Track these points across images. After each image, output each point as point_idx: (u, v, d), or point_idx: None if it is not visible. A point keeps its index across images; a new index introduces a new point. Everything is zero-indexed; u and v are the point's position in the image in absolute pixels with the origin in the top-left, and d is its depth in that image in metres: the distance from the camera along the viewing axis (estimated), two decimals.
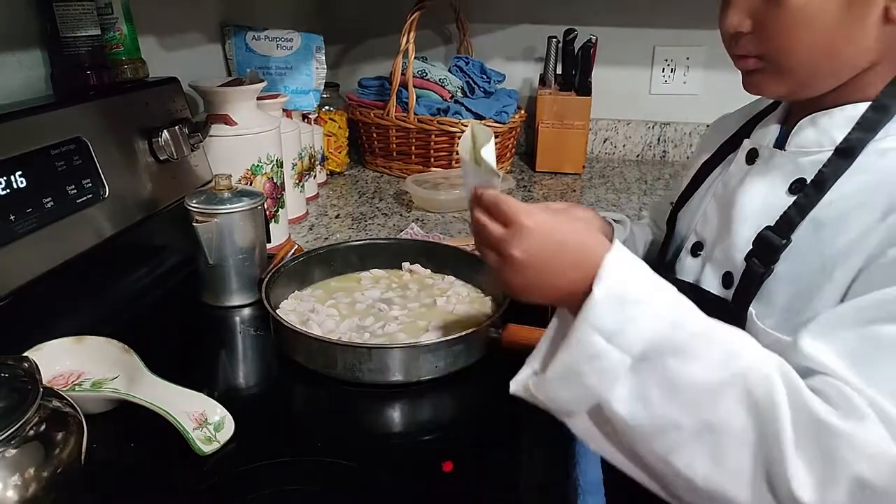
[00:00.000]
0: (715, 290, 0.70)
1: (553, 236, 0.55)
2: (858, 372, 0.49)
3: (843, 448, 0.46)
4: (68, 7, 0.88)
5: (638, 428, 0.51)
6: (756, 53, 0.63)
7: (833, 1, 0.57)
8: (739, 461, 0.48)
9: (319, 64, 1.37)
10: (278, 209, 1.17)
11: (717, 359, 0.50)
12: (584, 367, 0.51)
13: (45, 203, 0.79)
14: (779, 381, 0.49)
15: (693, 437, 0.49)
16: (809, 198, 0.62)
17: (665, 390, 0.50)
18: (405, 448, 0.71)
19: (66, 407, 0.56)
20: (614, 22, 1.75)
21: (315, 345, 0.77)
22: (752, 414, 0.48)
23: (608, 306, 0.50)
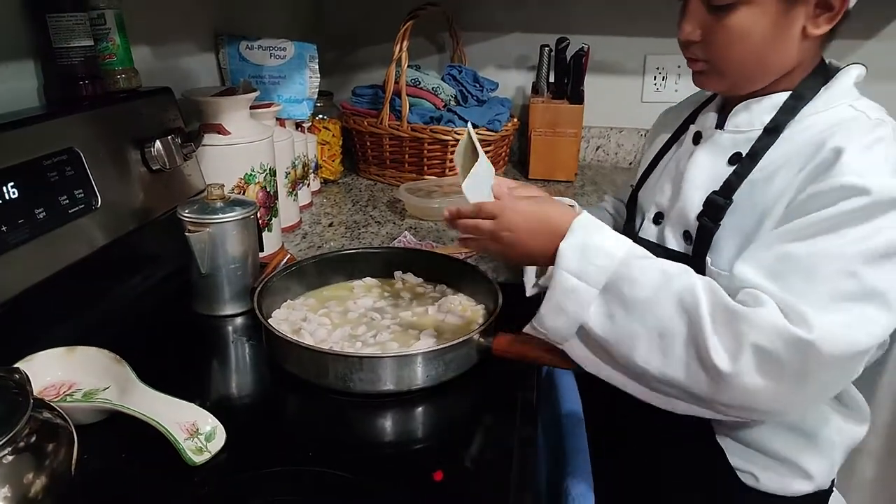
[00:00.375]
0: (676, 246, 0.85)
1: (535, 215, 0.74)
2: (771, 281, 0.66)
3: (744, 325, 0.62)
4: (61, 18, 0.88)
5: (610, 339, 0.68)
6: (703, 58, 0.78)
7: (762, 22, 0.72)
8: (678, 351, 0.65)
9: (313, 73, 1.38)
10: (271, 218, 1.18)
11: (656, 280, 0.67)
12: (564, 300, 0.69)
13: (38, 214, 0.79)
14: (700, 287, 0.66)
15: (646, 339, 0.66)
16: (745, 166, 0.77)
17: (623, 308, 0.67)
18: (396, 457, 0.71)
19: (57, 418, 0.56)
20: (606, 31, 1.76)
21: (306, 354, 0.77)
22: (682, 314, 0.65)
23: (574, 253, 0.69)
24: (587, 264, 0.68)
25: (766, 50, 0.74)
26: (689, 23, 0.76)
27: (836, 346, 0.61)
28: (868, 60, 1.71)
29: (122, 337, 0.86)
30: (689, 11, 0.75)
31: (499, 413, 0.77)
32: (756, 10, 0.71)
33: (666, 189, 0.88)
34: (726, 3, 0.72)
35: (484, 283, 0.92)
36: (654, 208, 0.90)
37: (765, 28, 0.72)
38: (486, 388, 0.82)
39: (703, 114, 0.88)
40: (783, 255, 0.67)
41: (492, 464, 0.68)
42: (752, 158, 0.77)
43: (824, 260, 0.64)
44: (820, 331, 0.61)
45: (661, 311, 0.66)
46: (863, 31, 1.70)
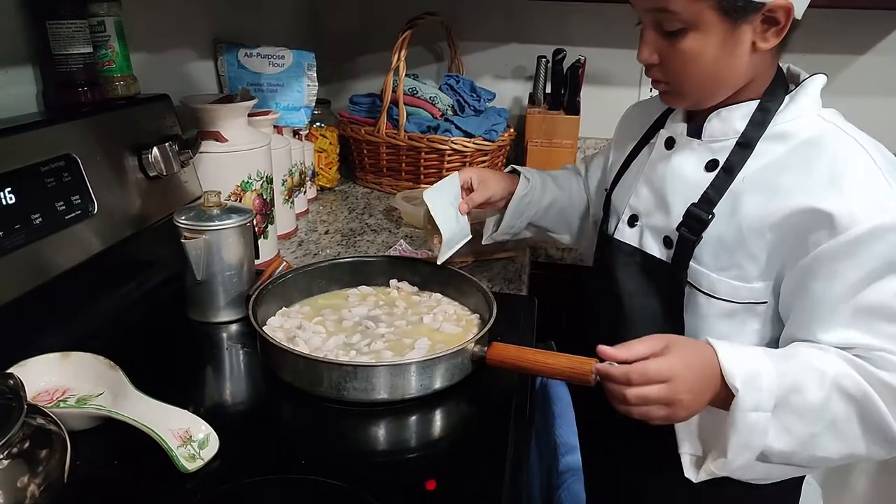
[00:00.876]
0: (657, 250, 0.88)
1: (691, 371, 0.71)
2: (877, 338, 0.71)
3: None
4: (61, 25, 0.89)
5: (793, 449, 0.73)
6: (663, 80, 0.81)
7: (711, 44, 0.75)
8: (855, 432, 0.72)
9: (311, 81, 1.38)
10: (267, 225, 1.18)
11: (815, 379, 0.71)
12: (748, 437, 0.71)
13: (34, 219, 0.79)
14: (852, 370, 0.71)
15: (825, 435, 0.72)
16: (722, 180, 0.80)
17: (797, 417, 0.71)
18: (389, 466, 0.71)
19: (50, 424, 0.56)
20: (602, 43, 1.78)
21: (301, 362, 0.77)
22: (848, 400, 0.71)
23: (746, 392, 0.70)
24: (758, 393, 0.70)
25: (719, 68, 0.77)
26: (646, 48, 0.80)
27: None
28: (861, 74, 1.73)
29: (117, 343, 0.87)
30: (646, 37, 0.79)
31: (492, 422, 0.77)
32: (704, 34, 0.74)
33: (642, 192, 0.91)
34: (676, 29, 0.75)
35: (479, 293, 0.93)
36: (629, 210, 0.92)
37: (715, 49, 0.75)
38: (479, 397, 0.82)
39: (672, 119, 0.91)
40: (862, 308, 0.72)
41: (485, 473, 0.68)
42: (728, 172, 0.80)
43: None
44: None
45: (832, 406, 0.71)
46: (856, 45, 1.72)
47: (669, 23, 0.75)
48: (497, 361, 0.80)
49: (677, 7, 0.74)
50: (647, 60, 0.81)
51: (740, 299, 0.81)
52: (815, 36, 1.67)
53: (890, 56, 1.71)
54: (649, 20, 0.78)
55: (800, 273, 0.75)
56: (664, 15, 0.75)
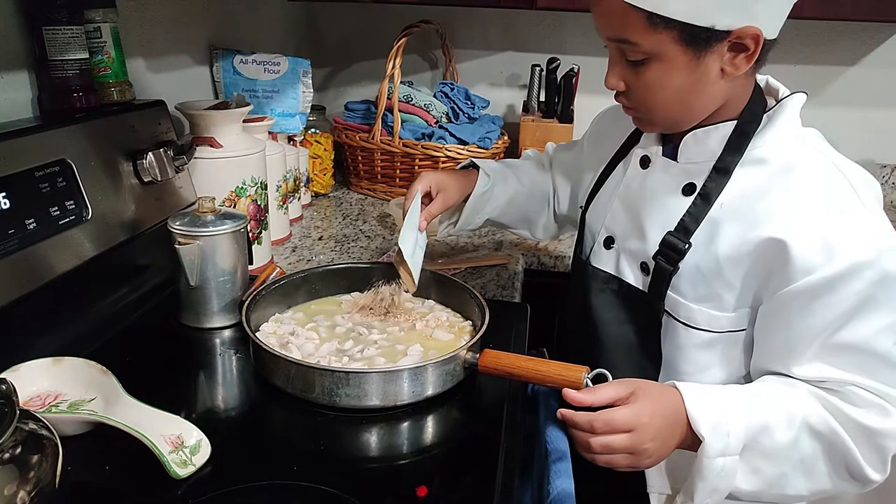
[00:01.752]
0: (633, 277, 0.86)
1: (656, 419, 0.71)
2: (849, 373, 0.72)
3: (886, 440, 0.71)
4: (57, 31, 0.89)
5: (762, 489, 0.73)
6: (631, 106, 0.80)
7: (675, 74, 0.73)
8: (823, 469, 0.73)
9: (306, 88, 1.39)
10: (261, 231, 1.18)
11: (784, 420, 0.71)
12: (717, 482, 0.72)
13: (28, 224, 0.80)
14: (821, 407, 0.72)
15: (794, 474, 0.73)
16: (699, 207, 0.79)
17: (766, 459, 0.72)
18: (381, 473, 0.71)
19: (42, 429, 0.56)
20: (596, 52, 1.78)
21: (293, 368, 0.78)
22: (817, 439, 0.72)
23: (713, 438, 0.70)
24: (725, 439, 0.70)
25: (687, 97, 0.75)
26: (612, 75, 0.78)
27: None
28: (851, 86, 1.75)
29: (109, 348, 0.87)
30: (612, 64, 0.77)
31: (484, 429, 0.77)
32: (667, 64, 0.72)
33: (618, 214, 0.89)
34: (639, 60, 0.73)
35: (471, 300, 0.93)
36: (605, 231, 0.90)
37: (680, 78, 0.73)
38: (471, 404, 0.82)
39: (647, 136, 0.88)
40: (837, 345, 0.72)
41: (476, 480, 0.68)
42: (705, 199, 0.78)
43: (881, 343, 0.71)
44: None
45: (801, 445, 0.72)
46: (845, 57, 1.74)
47: (632, 53, 0.73)
48: (489, 368, 0.81)
49: (637, 39, 0.71)
50: (613, 87, 0.78)
51: (719, 328, 0.80)
52: (805, 48, 1.70)
53: (879, 68, 1.73)
54: (613, 48, 0.76)
55: (777, 304, 0.74)
56: (626, 45, 0.73)
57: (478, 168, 1.07)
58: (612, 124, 0.98)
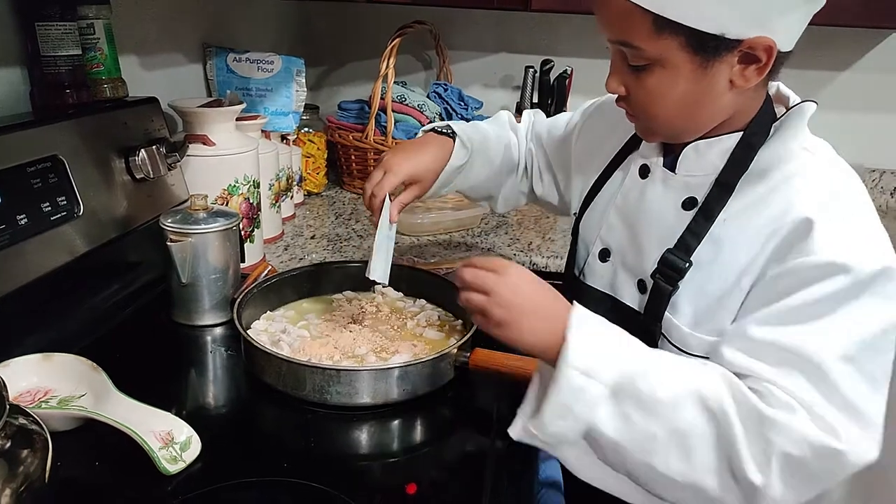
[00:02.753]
0: (629, 296, 0.80)
1: (534, 286, 0.67)
2: (779, 374, 0.62)
3: (774, 433, 0.59)
4: (50, 27, 0.89)
5: (622, 442, 0.62)
6: (632, 112, 0.75)
7: (679, 83, 0.68)
8: (706, 458, 0.61)
9: (299, 86, 1.39)
10: (254, 229, 1.18)
11: (675, 378, 0.63)
12: (571, 400, 0.62)
13: (19, 220, 0.79)
14: (725, 388, 0.62)
15: (667, 443, 0.61)
16: (700, 224, 0.72)
17: (639, 408, 0.61)
18: (371, 470, 0.72)
19: (32, 424, 0.56)
20: (590, 54, 1.80)
21: (284, 366, 0.78)
22: (709, 419, 0.61)
23: (580, 347, 0.62)
24: (595, 358, 0.62)
25: (691, 107, 0.70)
26: (613, 79, 0.73)
27: (864, 456, 0.60)
28: (843, 91, 1.76)
29: (100, 345, 0.87)
30: (613, 68, 0.73)
31: (474, 427, 0.78)
32: (671, 71, 0.67)
33: (615, 226, 0.83)
34: (641, 65, 0.69)
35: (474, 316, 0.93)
36: (600, 244, 0.85)
37: (684, 87, 0.68)
38: (462, 401, 0.83)
39: (645, 144, 0.82)
40: (779, 343, 0.63)
41: (466, 478, 0.69)
42: (706, 215, 0.72)
43: (828, 354, 0.61)
44: (848, 443, 0.59)
45: (684, 413, 0.61)
46: (837, 62, 1.75)
47: (635, 58, 0.68)
48: (480, 367, 0.81)
49: (641, 43, 0.66)
50: (614, 91, 0.74)
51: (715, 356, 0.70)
52: (797, 53, 1.71)
53: (872, 73, 1.74)
54: (615, 51, 0.71)
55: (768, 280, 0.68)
56: (628, 49, 0.68)
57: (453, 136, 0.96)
58: (608, 125, 0.90)
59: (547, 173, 1.06)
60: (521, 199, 1.11)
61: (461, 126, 0.98)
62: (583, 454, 0.66)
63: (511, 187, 1.08)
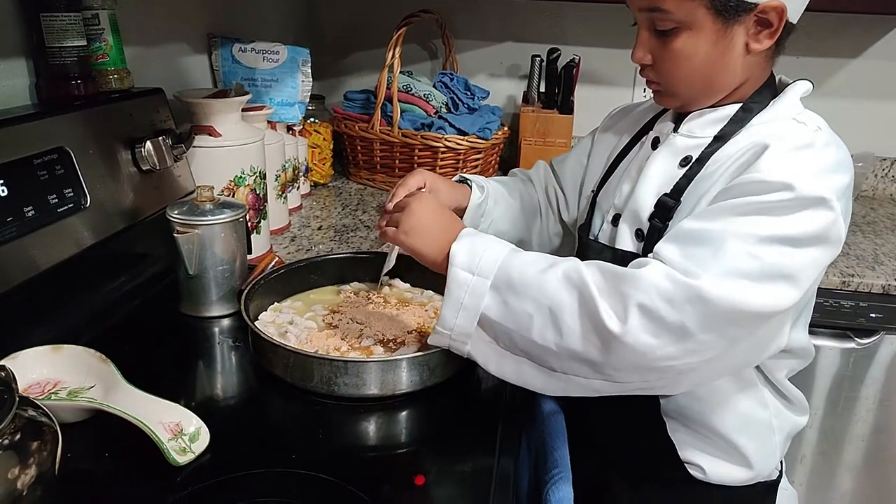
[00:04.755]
0: (629, 243, 0.86)
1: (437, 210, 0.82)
2: (676, 247, 0.70)
3: (628, 286, 0.67)
4: (55, 18, 0.89)
5: (508, 323, 0.72)
6: (655, 80, 0.82)
7: (703, 44, 0.76)
8: (571, 322, 0.69)
9: (305, 77, 1.39)
10: (260, 220, 1.18)
11: (541, 264, 0.73)
12: (461, 294, 0.73)
13: (27, 212, 0.79)
14: (584, 264, 0.71)
15: (541, 317, 0.70)
16: (693, 169, 0.81)
17: (514, 293, 0.72)
18: (379, 461, 0.72)
19: (42, 416, 0.56)
20: (597, 42, 1.79)
21: (292, 357, 0.78)
22: (570, 288, 0.70)
23: (464, 251, 0.74)
24: (477, 259, 0.73)
25: (711, 68, 0.78)
26: (639, 48, 0.80)
27: (722, 298, 0.65)
28: (853, 78, 1.74)
29: (109, 336, 0.87)
30: (639, 38, 0.80)
31: (481, 418, 0.78)
32: (696, 33, 0.75)
33: (623, 190, 0.90)
34: (668, 29, 0.76)
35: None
36: (613, 210, 0.91)
37: (707, 49, 0.76)
38: (469, 393, 0.83)
39: (660, 121, 0.91)
40: (690, 228, 0.71)
41: (474, 469, 0.69)
42: (699, 162, 0.80)
43: (730, 237, 0.68)
44: (705, 279, 0.65)
45: (550, 287, 0.70)
46: (848, 49, 1.73)
47: (662, 22, 0.76)
48: None
49: (670, 6, 0.74)
50: (640, 60, 0.81)
51: None
52: (807, 40, 1.69)
53: (882, 60, 1.72)
54: (643, 20, 0.79)
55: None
56: (657, 14, 0.76)
57: (468, 183, 1.05)
58: (622, 121, 1.01)
59: (572, 194, 1.08)
60: (556, 240, 1.14)
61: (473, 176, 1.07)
62: (487, 348, 0.75)
63: (540, 231, 1.12)
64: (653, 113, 0.95)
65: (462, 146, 1.54)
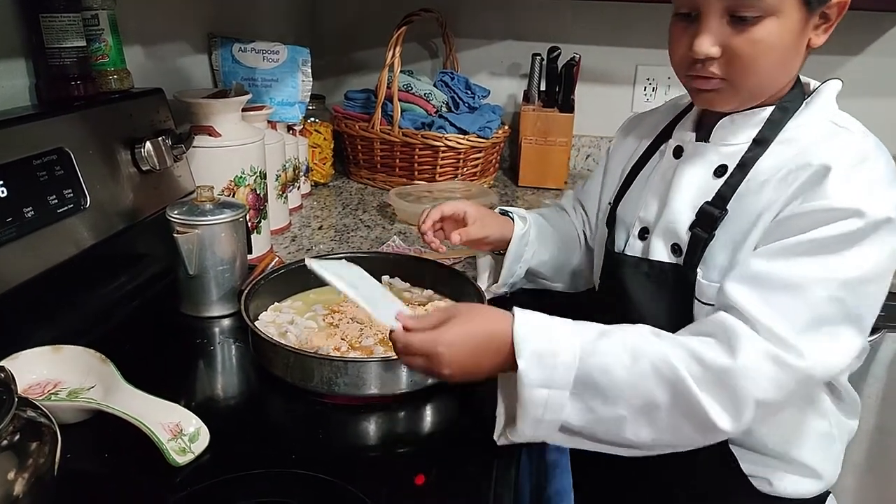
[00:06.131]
0: (665, 257, 0.82)
1: (455, 347, 0.67)
2: (758, 298, 0.67)
3: (737, 380, 0.64)
4: (54, 18, 0.89)
5: (595, 428, 0.68)
6: (720, 75, 0.74)
7: (787, 34, 0.71)
8: (666, 419, 0.66)
9: (305, 76, 1.38)
10: (261, 220, 1.18)
11: (626, 359, 0.66)
12: (540, 412, 0.67)
13: (26, 213, 0.79)
14: (672, 353, 0.65)
15: (634, 418, 0.66)
16: (735, 177, 0.77)
17: (600, 398, 0.66)
18: (378, 461, 0.72)
19: (41, 417, 0.56)
20: (597, 41, 1.78)
21: (292, 357, 0.78)
22: (663, 385, 0.65)
23: (533, 367, 0.66)
24: (550, 371, 0.66)
25: (784, 62, 0.74)
26: (707, 38, 0.72)
27: (825, 372, 0.67)
28: (854, 75, 1.74)
29: (108, 337, 0.87)
30: (708, 26, 0.71)
31: (481, 418, 0.77)
32: (782, 21, 0.70)
33: (651, 204, 0.85)
34: (753, 15, 0.69)
35: (470, 290, 0.93)
36: (639, 224, 0.86)
37: (789, 39, 0.71)
38: (469, 393, 0.82)
39: (679, 128, 0.87)
40: (768, 272, 0.68)
41: (474, 468, 0.69)
42: (741, 169, 0.76)
43: (812, 283, 0.66)
44: (811, 360, 0.65)
45: (641, 388, 0.65)
46: (853, 47, 1.73)
47: (748, 8, 0.69)
48: None
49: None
50: (705, 54, 0.72)
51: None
52: None
53: (885, 57, 1.72)
54: (716, 7, 0.70)
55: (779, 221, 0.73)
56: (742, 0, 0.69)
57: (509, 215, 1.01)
58: (635, 130, 0.97)
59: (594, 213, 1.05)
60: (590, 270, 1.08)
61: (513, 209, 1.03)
62: (567, 442, 0.71)
63: (583, 261, 1.07)
64: (668, 119, 0.90)
65: (462, 145, 1.54)
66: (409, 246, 1.26)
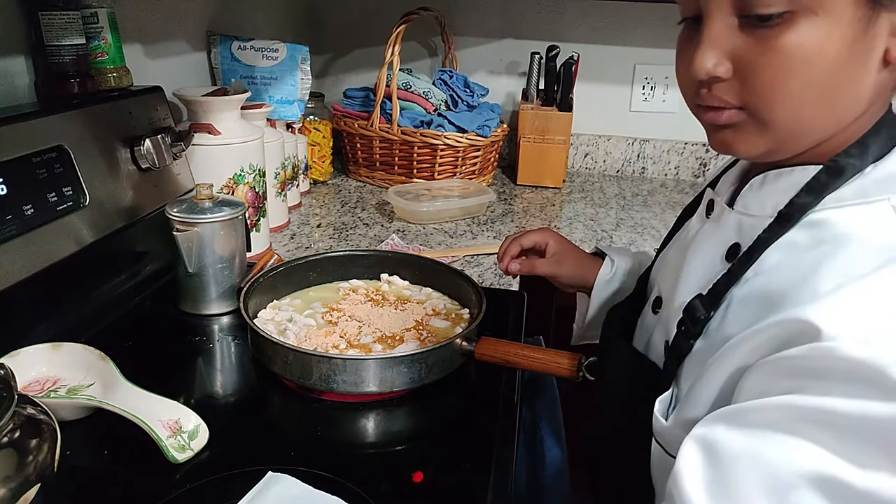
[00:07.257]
0: (661, 351, 0.63)
1: None
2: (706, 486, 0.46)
3: None
4: (54, 16, 0.89)
5: None
6: (735, 104, 0.51)
7: (833, 42, 0.46)
8: None
9: (304, 74, 1.39)
10: (260, 218, 1.18)
11: None
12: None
13: (26, 210, 0.80)
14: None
15: None
16: (740, 264, 0.53)
17: None
18: (377, 458, 0.72)
19: (41, 414, 0.57)
20: (596, 40, 1.79)
21: (291, 355, 0.78)
22: None
23: None
24: None
25: (834, 84, 0.48)
26: (710, 51, 0.49)
27: None
28: None
29: (108, 334, 0.87)
30: (711, 34, 0.49)
31: (480, 416, 0.78)
32: (826, 22, 0.46)
33: (669, 272, 0.66)
34: (776, 12, 0.46)
35: (469, 288, 0.93)
36: (657, 291, 0.69)
37: (838, 49, 0.46)
38: (468, 390, 0.83)
39: (726, 177, 0.63)
40: (717, 449, 0.46)
41: (472, 465, 0.69)
42: (748, 256, 0.53)
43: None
44: None
45: None
46: None
47: (764, 4, 0.46)
48: (485, 356, 0.81)
49: None
50: (711, 71, 0.50)
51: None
52: None
53: None
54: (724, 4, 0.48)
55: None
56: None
57: (603, 256, 0.88)
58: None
59: None
60: None
61: (613, 249, 0.91)
62: None
63: None
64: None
65: (461, 144, 1.55)
66: (407, 244, 1.27)
